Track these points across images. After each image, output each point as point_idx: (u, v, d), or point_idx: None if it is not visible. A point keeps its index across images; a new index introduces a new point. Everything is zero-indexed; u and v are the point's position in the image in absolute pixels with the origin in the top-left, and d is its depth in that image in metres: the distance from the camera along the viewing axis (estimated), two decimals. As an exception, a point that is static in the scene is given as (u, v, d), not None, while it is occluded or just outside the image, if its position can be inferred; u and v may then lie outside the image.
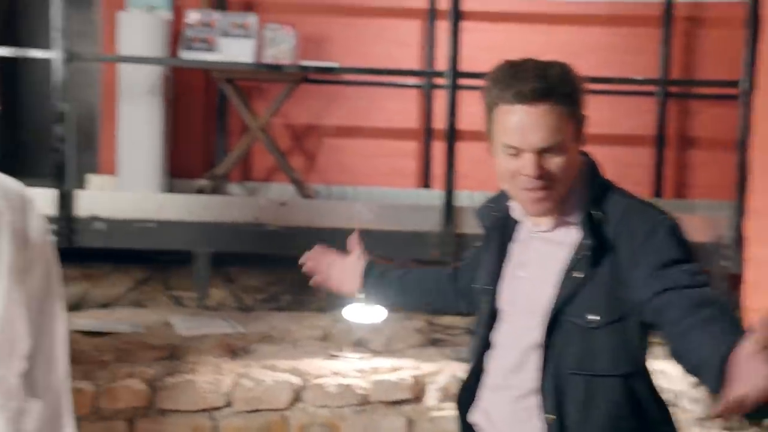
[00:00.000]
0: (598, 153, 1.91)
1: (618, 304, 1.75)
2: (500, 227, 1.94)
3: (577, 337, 1.76)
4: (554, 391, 1.77)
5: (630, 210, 1.79)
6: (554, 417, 1.76)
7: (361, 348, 3.71)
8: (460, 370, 3.45)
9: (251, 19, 5.12)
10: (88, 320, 3.66)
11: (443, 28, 5.18)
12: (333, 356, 3.54)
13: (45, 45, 5.42)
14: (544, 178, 1.74)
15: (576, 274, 1.77)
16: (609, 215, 1.79)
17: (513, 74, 1.75)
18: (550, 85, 1.71)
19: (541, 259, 1.85)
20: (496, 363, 1.90)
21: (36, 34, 6.92)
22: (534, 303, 1.81)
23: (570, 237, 1.81)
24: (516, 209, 1.88)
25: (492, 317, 1.92)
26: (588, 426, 1.76)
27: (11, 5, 7.06)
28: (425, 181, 5.71)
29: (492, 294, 1.91)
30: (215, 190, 5.38)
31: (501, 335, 1.90)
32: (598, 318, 1.75)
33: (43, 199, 4.08)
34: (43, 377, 2.34)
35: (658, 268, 1.69)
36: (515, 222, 1.91)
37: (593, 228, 1.77)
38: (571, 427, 1.76)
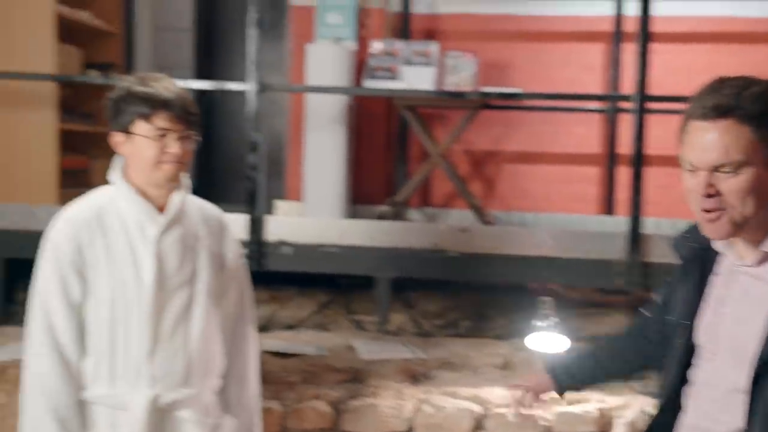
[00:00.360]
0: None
1: None
2: (699, 259, 1.84)
3: None
4: None
5: None
6: None
7: (543, 378, 3.63)
8: (649, 405, 3.30)
9: (433, 47, 5.19)
10: (277, 341, 3.78)
11: (629, 50, 5.05)
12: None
13: (235, 76, 5.70)
14: (716, 198, 1.65)
15: None
16: None
17: (711, 89, 1.68)
18: (736, 103, 1.62)
19: (745, 296, 1.73)
20: (694, 402, 1.79)
21: (226, 67, 7.31)
22: (738, 344, 1.70)
23: None
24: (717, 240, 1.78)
25: (688, 353, 1.82)
26: None
27: (207, 41, 7.50)
28: (608, 208, 5.55)
29: (689, 328, 1.81)
30: (396, 216, 5.45)
31: (700, 373, 1.79)
32: None
33: (236, 224, 4.28)
34: (237, 395, 2.44)
35: None
36: (716, 254, 1.81)
37: None
38: None
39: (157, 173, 2.22)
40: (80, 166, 5.56)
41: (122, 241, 2.23)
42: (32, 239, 4.21)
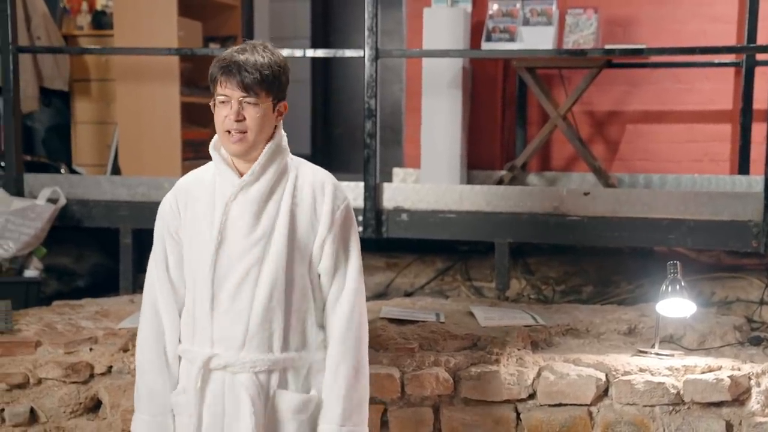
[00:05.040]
0: None
1: None
2: None
3: None
4: None
5: None
6: None
7: (671, 344, 3.49)
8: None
9: (552, 6, 5.04)
10: (395, 308, 3.77)
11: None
12: (641, 352, 3.35)
13: (351, 45, 5.67)
14: None
15: None
16: None
17: None
18: None
19: None
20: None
21: (343, 37, 7.33)
22: None
23: None
24: None
25: None
26: None
27: (324, 11, 7.52)
28: (742, 167, 5.26)
29: None
30: (514, 181, 5.35)
31: None
32: None
33: (353, 191, 4.28)
34: (335, 356, 2.36)
35: None
36: None
37: None
38: None
39: (225, 140, 2.30)
40: (202, 138, 5.68)
41: (205, 205, 2.31)
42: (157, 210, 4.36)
